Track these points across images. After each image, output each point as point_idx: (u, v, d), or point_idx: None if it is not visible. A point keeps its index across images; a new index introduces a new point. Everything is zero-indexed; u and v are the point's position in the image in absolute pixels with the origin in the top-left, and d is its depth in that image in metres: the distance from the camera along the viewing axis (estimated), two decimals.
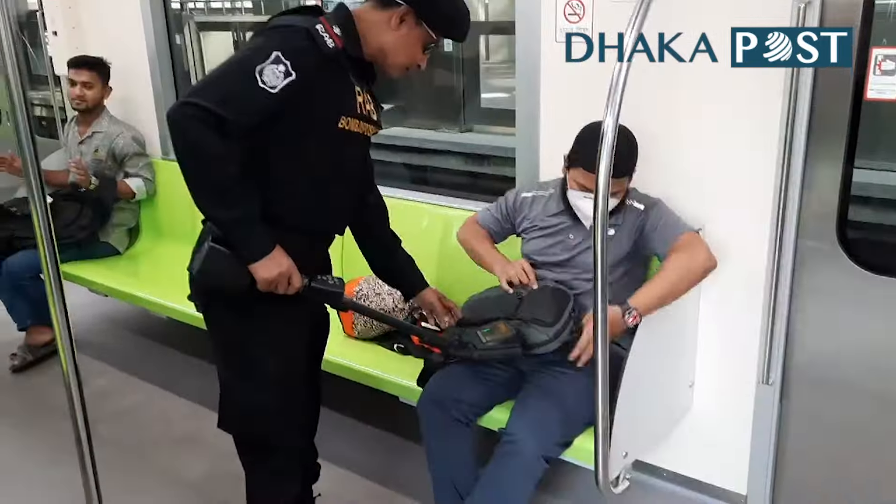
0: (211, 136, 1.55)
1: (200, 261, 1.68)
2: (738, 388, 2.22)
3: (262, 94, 1.58)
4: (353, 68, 1.76)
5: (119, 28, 3.65)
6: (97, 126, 3.43)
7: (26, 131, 1.58)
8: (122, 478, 2.55)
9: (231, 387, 1.89)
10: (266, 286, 1.69)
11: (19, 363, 3.37)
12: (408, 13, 1.75)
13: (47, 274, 1.70)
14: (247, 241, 1.66)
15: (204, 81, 1.63)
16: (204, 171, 1.60)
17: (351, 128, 1.77)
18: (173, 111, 1.57)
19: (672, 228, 2.04)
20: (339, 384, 2.44)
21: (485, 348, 1.94)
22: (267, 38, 1.64)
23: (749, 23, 1.92)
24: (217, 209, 1.64)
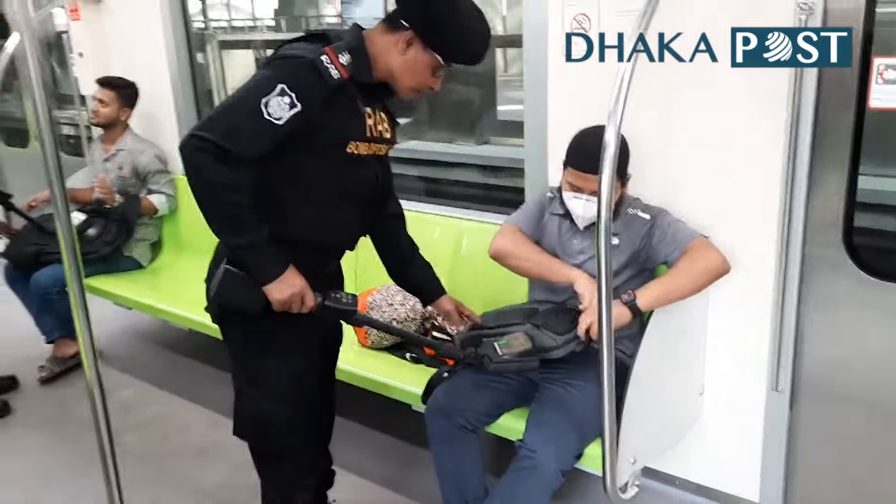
0: (218, 167, 1.61)
1: (217, 283, 1.73)
2: (749, 396, 2.23)
3: (268, 126, 1.62)
4: (361, 93, 1.78)
5: (142, 49, 3.75)
6: (121, 144, 3.53)
7: (52, 151, 1.65)
8: (144, 487, 2.62)
9: (243, 395, 1.94)
10: (280, 306, 1.74)
11: (47, 375, 3.46)
12: (414, 37, 1.76)
13: (72, 288, 1.79)
14: (259, 265, 1.71)
15: (212, 114, 1.68)
16: (213, 200, 1.65)
17: (360, 151, 1.80)
18: (183, 143, 1.63)
19: (682, 235, 2.06)
20: (354, 393, 2.48)
21: (501, 361, 1.96)
22: (272, 71, 1.68)
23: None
24: (228, 235, 1.70)
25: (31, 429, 3.11)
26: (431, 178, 5.31)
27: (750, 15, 1.96)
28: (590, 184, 2.00)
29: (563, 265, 2.13)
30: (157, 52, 3.68)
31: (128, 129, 3.57)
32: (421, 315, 2.58)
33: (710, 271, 2.02)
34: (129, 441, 2.95)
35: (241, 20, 8.01)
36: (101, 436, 1.86)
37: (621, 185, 2.08)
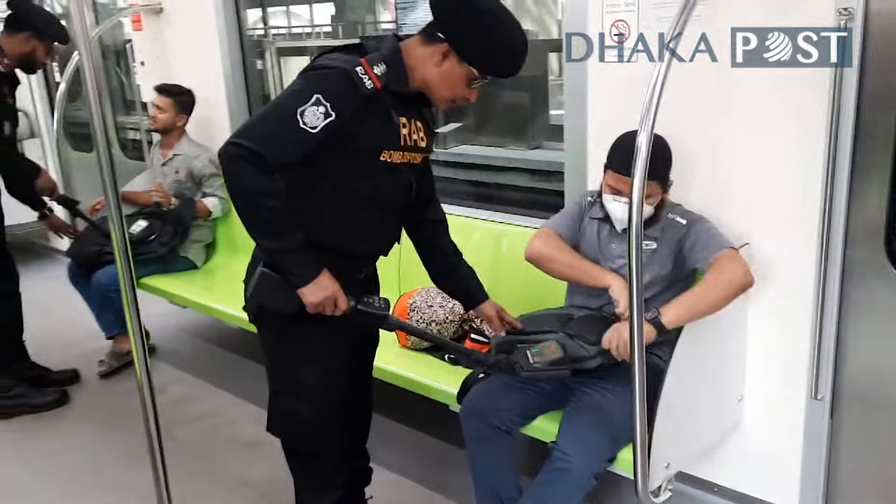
0: (255, 173, 1.66)
1: (254, 285, 1.80)
2: (789, 404, 2.20)
3: (303, 134, 1.67)
4: (396, 103, 1.80)
5: (199, 57, 3.90)
6: (178, 149, 3.67)
7: (106, 158, 1.73)
8: (193, 479, 2.74)
9: (276, 394, 2.00)
10: (313, 309, 1.78)
11: (106, 369, 3.62)
12: (449, 50, 1.77)
13: (123, 287, 1.87)
14: (293, 269, 1.76)
15: (249, 122, 1.74)
16: (250, 205, 1.71)
17: (393, 160, 1.83)
18: (222, 150, 1.68)
19: (713, 244, 2.05)
20: (395, 393, 2.54)
21: (531, 369, 1.98)
22: (308, 80, 1.73)
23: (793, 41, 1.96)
24: (264, 239, 1.75)
25: (88, 420, 3.27)
26: (482, 182, 5.34)
27: (790, 20, 1.95)
28: (625, 185, 2.01)
29: (598, 269, 2.15)
30: (213, 61, 3.82)
31: (184, 134, 3.71)
32: (459, 317, 2.62)
33: (734, 285, 1.99)
34: (181, 434, 3.07)
35: (299, 27, 8.17)
36: (150, 429, 1.93)
37: (662, 190, 2.08)
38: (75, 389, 3.52)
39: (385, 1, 5.97)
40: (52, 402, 3.37)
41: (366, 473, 2.30)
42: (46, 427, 3.23)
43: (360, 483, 2.29)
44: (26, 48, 3.11)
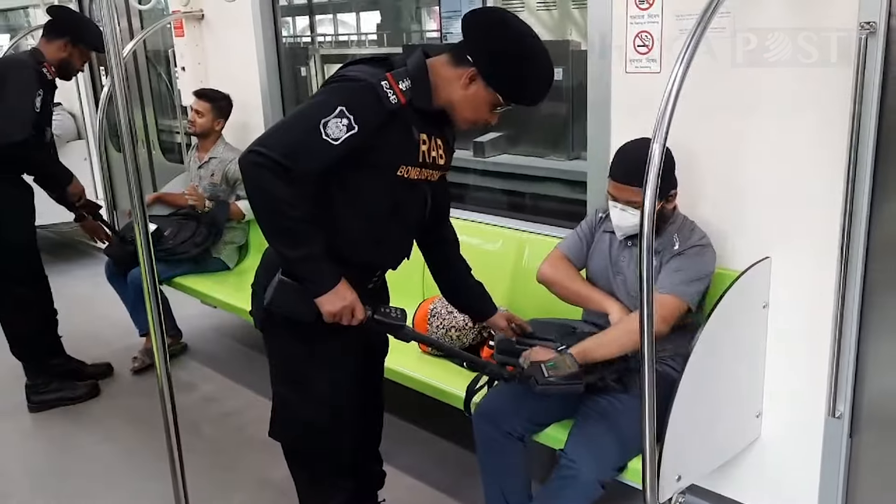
0: (275, 182, 1.65)
1: (272, 293, 1.78)
2: (808, 421, 2.18)
3: (325, 146, 1.66)
4: (419, 119, 1.80)
5: (237, 63, 3.99)
6: (214, 152, 3.76)
7: (132, 162, 1.77)
8: (216, 474, 2.81)
9: (283, 400, 2.02)
10: (331, 318, 1.78)
11: (139, 365, 3.73)
12: (476, 75, 1.77)
13: (146, 286, 1.88)
14: (312, 278, 1.75)
15: (272, 130, 1.73)
16: (271, 213, 1.70)
17: (411, 176, 1.82)
18: (243, 157, 1.68)
19: (667, 281, 2.03)
20: (412, 396, 2.57)
21: (546, 383, 1.97)
22: (332, 92, 1.72)
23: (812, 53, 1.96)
24: (284, 247, 1.73)
25: (119, 414, 3.37)
26: (518, 192, 5.35)
27: (813, 33, 1.94)
28: (624, 193, 2.05)
29: (599, 295, 2.23)
30: (251, 67, 3.91)
31: (220, 138, 3.80)
32: (479, 325, 2.63)
33: (632, 335, 1.92)
34: (207, 431, 3.15)
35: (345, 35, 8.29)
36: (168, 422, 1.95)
37: (661, 200, 2.06)
38: (109, 384, 3.64)
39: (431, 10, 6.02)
40: (84, 394, 3.50)
41: (379, 477, 2.33)
42: (81, 419, 3.35)
43: (373, 486, 2.31)
44: (63, 55, 3.24)
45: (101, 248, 3.95)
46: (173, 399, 1.98)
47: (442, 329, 2.64)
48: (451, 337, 2.65)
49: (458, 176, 4.34)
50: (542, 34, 4.16)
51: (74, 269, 5.27)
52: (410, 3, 6.29)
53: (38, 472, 2.99)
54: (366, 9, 7.80)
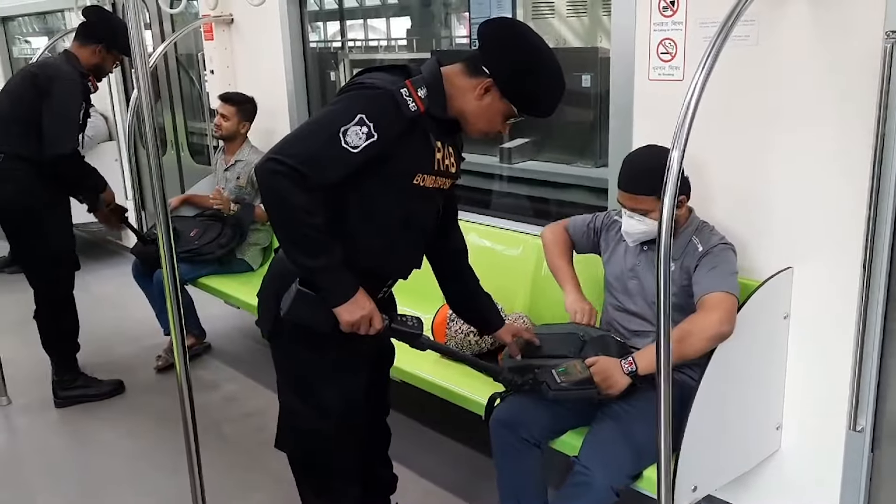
0: (294, 190, 1.62)
1: (289, 303, 1.75)
2: (829, 435, 2.14)
3: (344, 154, 1.65)
4: (434, 127, 1.79)
5: (264, 68, 4.04)
6: (239, 155, 3.81)
7: (155, 164, 1.81)
8: (235, 472, 2.85)
9: (291, 411, 2.01)
10: (349, 328, 1.76)
11: (162, 364, 3.79)
12: (492, 86, 1.77)
13: (167, 287, 1.90)
14: (330, 287, 1.73)
15: (290, 137, 1.71)
16: (289, 222, 1.68)
17: (426, 184, 1.81)
18: (260, 165, 1.66)
19: (706, 282, 2.01)
20: (430, 400, 2.58)
21: (559, 389, 1.98)
22: (352, 100, 1.70)
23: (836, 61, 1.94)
24: (302, 257, 1.71)
25: (142, 411, 3.43)
26: (544, 199, 5.34)
27: (838, 41, 1.92)
28: (629, 201, 2.09)
29: (564, 277, 2.36)
30: (278, 72, 3.95)
31: (246, 141, 3.85)
32: None
33: (702, 339, 1.92)
34: (228, 431, 3.19)
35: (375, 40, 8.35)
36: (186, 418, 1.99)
37: (679, 207, 2.07)
38: (133, 382, 3.69)
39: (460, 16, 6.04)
40: (108, 391, 3.57)
41: (390, 481, 2.33)
42: (104, 415, 3.41)
43: (385, 491, 2.32)
44: (97, 60, 3.33)
45: (129, 248, 4.02)
46: (192, 398, 2.00)
47: (461, 333, 2.65)
48: (470, 341, 2.65)
49: (483, 182, 4.35)
50: (571, 41, 4.16)
51: (102, 269, 5.36)
52: (440, 9, 6.32)
53: (61, 465, 3.04)
54: (396, 14, 7.87)
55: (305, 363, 1.92)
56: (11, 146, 3.19)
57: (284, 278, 1.81)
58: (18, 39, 7.35)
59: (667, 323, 1.67)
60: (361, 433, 2.07)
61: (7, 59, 7.07)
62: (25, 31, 7.38)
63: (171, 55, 5.25)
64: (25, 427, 3.38)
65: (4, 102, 3.32)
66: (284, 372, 2.00)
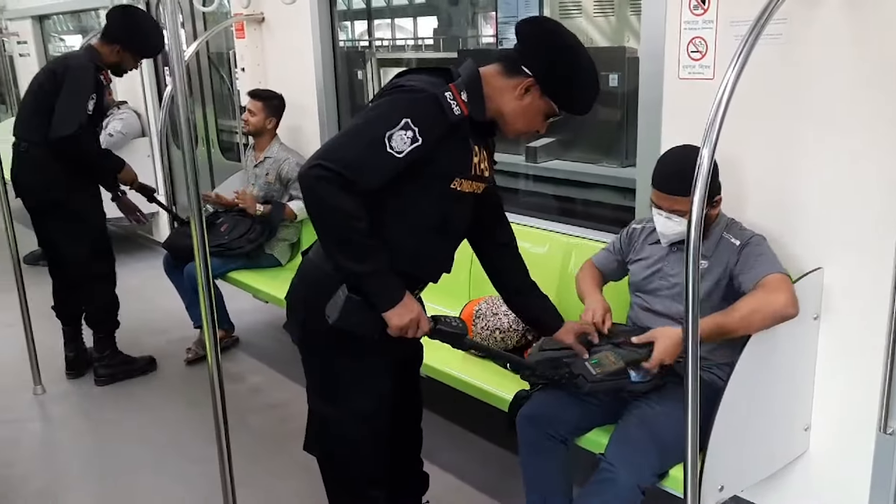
0: (341, 195, 1.61)
1: (338, 310, 1.72)
2: (858, 437, 2.12)
3: (389, 158, 1.64)
4: (474, 131, 1.79)
5: (295, 66, 4.08)
6: (269, 152, 3.85)
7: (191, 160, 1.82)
8: (260, 462, 2.89)
9: (321, 416, 2.02)
10: (397, 332, 1.75)
11: (192, 356, 3.86)
12: (533, 84, 1.77)
13: (200, 281, 1.90)
14: (379, 292, 1.71)
15: (334, 142, 1.70)
16: (336, 228, 1.66)
17: (463, 189, 1.81)
18: (304, 172, 1.63)
19: (761, 267, 2.00)
20: (456, 396, 2.59)
21: (595, 380, 1.97)
22: (396, 103, 1.69)
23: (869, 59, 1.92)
24: (350, 262, 1.69)
25: (171, 402, 3.49)
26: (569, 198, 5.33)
27: (871, 39, 1.91)
28: (665, 202, 2.06)
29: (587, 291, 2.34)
30: (307, 71, 3.99)
31: (276, 138, 3.89)
32: (523, 327, 2.64)
33: (768, 315, 1.91)
34: (253, 421, 3.23)
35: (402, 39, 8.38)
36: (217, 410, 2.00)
37: (707, 205, 2.04)
38: (163, 372, 3.77)
39: (487, 15, 6.05)
40: (144, 366, 3.76)
41: (422, 481, 2.35)
42: (133, 404, 3.48)
43: (418, 491, 2.34)
44: (115, 59, 3.44)
45: (158, 242, 4.09)
46: (223, 389, 2.02)
47: (487, 330, 2.66)
48: (496, 338, 2.67)
49: (509, 180, 4.35)
50: (598, 40, 4.15)
51: (131, 262, 5.44)
52: (467, 9, 6.33)
53: (90, 451, 3.12)
54: (423, 14, 7.89)
55: (335, 368, 1.92)
56: (33, 135, 3.33)
57: (315, 286, 1.82)
58: (54, 37, 7.49)
59: (695, 321, 1.67)
60: (391, 439, 2.06)
61: (43, 57, 7.20)
62: (60, 29, 7.53)
63: (202, 53, 5.31)
64: (59, 416, 3.46)
65: (29, 95, 3.47)
66: (314, 377, 2.00)
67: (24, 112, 3.49)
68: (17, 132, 3.46)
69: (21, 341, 3.56)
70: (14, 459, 3.04)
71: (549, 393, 2.19)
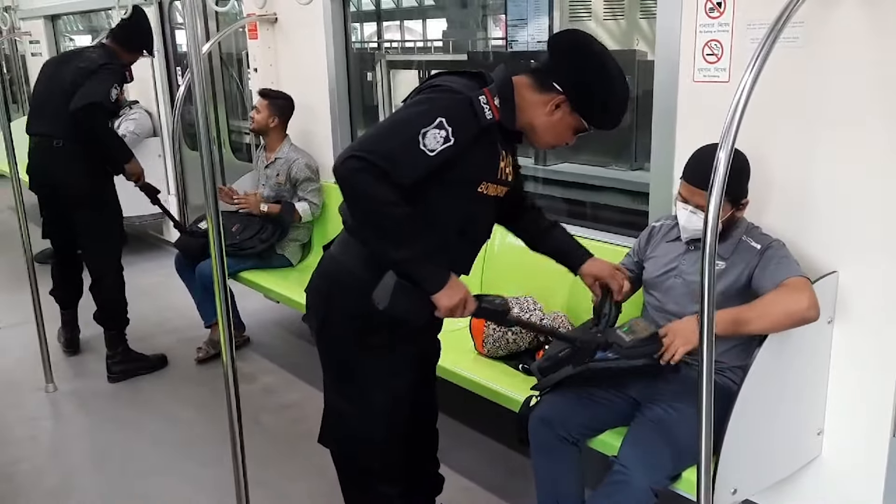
0: (379, 185, 1.62)
1: (388, 296, 1.71)
2: (871, 442, 2.12)
3: (422, 156, 1.64)
4: (502, 136, 1.81)
5: (307, 67, 4.09)
6: (279, 153, 3.86)
7: (208, 159, 1.84)
8: (273, 463, 2.89)
9: (338, 410, 2.02)
10: (446, 314, 1.75)
11: (203, 355, 3.86)
12: (564, 101, 1.78)
13: (216, 281, 1.95)
14: (427, 275, 1.71)
15: (370, 136, 1.70)
16: (377, 216, 1.66)
17: (488, 192, 1.82)
18: (341, 165, 1.63)
19: (782, 269, 2.00)
20: (467, 398, 2.60)
21: (629, 346, 1.95)
22: (433, 102, 1.70)
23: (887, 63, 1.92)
24: (396, 250, 1.68)
25: (182, 400, 3.50)
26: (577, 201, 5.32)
27: (888, 43, 1.91)
28: (695, 197, 2.06)
29: None
30: (320, 72, 4.00)
31: (286, 138, 3.90)
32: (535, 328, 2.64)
33: (788, 315, 1.90)
34: (265, 421, 3.24)
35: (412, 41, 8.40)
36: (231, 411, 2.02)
37: (732, 207, 2.06)
38: (173, 372, 3.78)
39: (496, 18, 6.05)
40: (157, 363, 3.83)
41: (436, 481, 2.35)
42: (144, 404, 3.49)
43: (431, 491, 2.34)
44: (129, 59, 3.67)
45: (170, 241, 4.11)
46: (237, 389, 2.02)
47: (499, 332, 2.66)
48: (508, 340, 2.67)
49: None
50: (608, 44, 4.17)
51: (142, 262, 5.46)
52: (476, 11, 6.33)
53: (102, 451, 3.12)
54: (432, 16, 7.89)
55: (353, 363, 1.92)
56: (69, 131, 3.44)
57: (337, 280, 1.84)
58: (64, 37, 7.53)
59: (710, 321, 1.67)
60: (407, 435, 2.07)
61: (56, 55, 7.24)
62: (71, 29, 7.57)
63: (215, 53, 5.33)
64: (70, 414, 3.48)
65: (55, 92, 3.52)
66: (331, 371, 2.00)
67: (49, 108, 3.54)
68: (43, 128, 3.55)
69: (33, 339, 3.58)
70: (25, 457, 3.05)
71: (560, 395, 2.19)
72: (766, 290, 1.99)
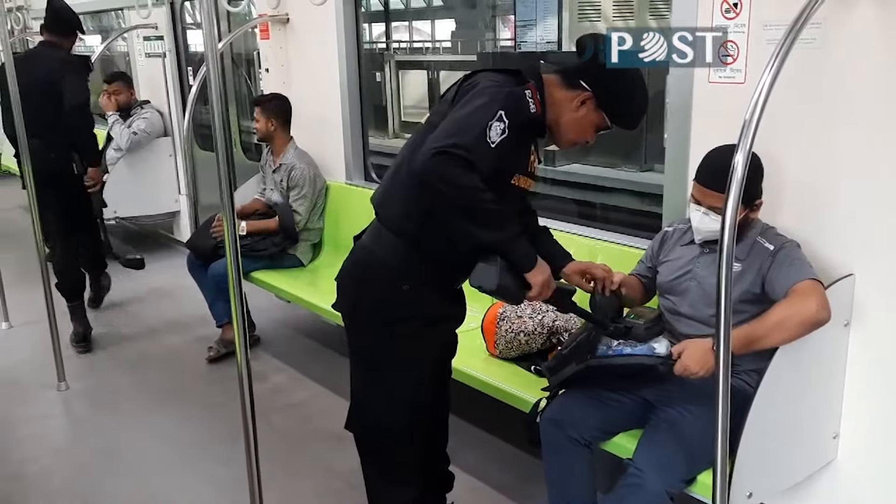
0: (465, 174, 1.68)
1: (495, 276, 1.81)
2: (888, 445, 2.11)
3: (487, 147, 1.72)
4: (533, 131, 1.90)
5: (318, 67, 4.09)
6: (284, 158, 3.86)
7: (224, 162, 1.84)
8: (283, 461, 2.90)
9: (364, 395, 2.08)
10: (539, 289, 1.86)
11: (214, 354, 3.87)
12: (590, 98, 1.88)
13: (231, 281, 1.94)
14: (523, 254, 1.83)
15: (448, 131, 1.74)
16: (472, 202, 1.71)
17: (520, 184, 1.91)
18: (426, 160, 1.69)
19: (792, 273, 1.98)
20: (478, 398, 2.59)
21: (645, 328, 2.06)
22: (494, 95, 1.77)
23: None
24: (495, 233, 1.77)
25: (193, 400, 3.51)
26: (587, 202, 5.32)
27: None
28: (707, 198, 2.05)
29: None
30: (331, 72, 4.00)
31: (291, 141, 3.89)
32: (548, 329, 2.64)
33: (800, 324, 1.89)
34: (276, 420, 3.25)
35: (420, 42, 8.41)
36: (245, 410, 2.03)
37: (746, 208, 2.04)
38: (185, 371, 3.80)
39: (505, 19, 6.05)
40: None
41: (447, 478, 2.36)
42: (155, 403, 3.50)
43: (442, 488, 2.35)
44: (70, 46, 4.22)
45: (181, 241, 4.12)
46: (251, 388, 2.04)
47: (511, 333, 2.66)
48: (520, 341, 2.66)
49: None
50: None
51: (153, 261, 5.46)
52: (485, 12, 6.33)
53: (113, 450, 3.12)
54: (441, 17, 7.89)
55: (383, 353, 1.98)
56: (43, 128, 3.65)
57: (369, 271, 1.91)
58: None
59: (727, 327, 1.67)
60: (427, 423, 2.12)
61: None
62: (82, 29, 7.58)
63: (226, 54, 5.34)
64: (82, 412, 3.49)
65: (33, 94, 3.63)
66: (361, 359, 2.06)
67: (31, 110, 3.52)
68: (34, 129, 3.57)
69: (45, 337, 3.59)
70: (37, 455, 3.06)
71: (571, 396, 2.19)
72: (778, 293, 1.98)
